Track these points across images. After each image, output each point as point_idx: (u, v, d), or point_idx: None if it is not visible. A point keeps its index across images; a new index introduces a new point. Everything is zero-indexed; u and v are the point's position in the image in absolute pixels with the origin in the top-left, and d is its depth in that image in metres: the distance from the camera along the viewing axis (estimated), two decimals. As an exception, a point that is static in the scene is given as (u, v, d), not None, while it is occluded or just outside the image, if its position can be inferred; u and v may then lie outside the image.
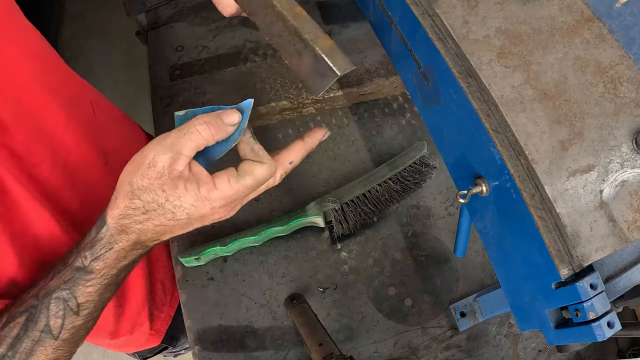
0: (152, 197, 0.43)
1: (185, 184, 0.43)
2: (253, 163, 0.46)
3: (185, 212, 0.44)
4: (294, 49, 0.50)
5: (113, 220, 0.45)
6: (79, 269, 0.47)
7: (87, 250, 0.46)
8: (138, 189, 0.43)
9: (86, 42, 2.20)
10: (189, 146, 0.43)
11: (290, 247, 0.77)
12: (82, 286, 0.47)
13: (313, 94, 0.48)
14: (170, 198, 0.43)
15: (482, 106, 0.40)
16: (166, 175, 0.42)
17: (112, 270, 0.47)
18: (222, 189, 0.44)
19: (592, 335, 0.35)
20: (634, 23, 0.39)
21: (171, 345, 0.97)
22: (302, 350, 0.70)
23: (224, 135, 0.45)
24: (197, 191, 0.43)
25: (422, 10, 0.44)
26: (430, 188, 0.80)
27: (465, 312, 0.71)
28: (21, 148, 0.54)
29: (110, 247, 0.46)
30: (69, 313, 0.48)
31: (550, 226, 0.36)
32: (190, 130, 0.43)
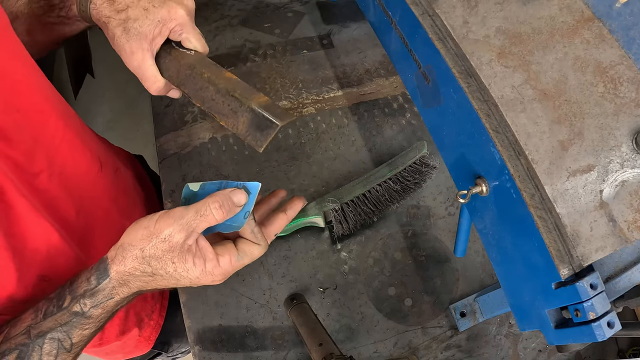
0: (162, 266, 0.48)
1: (194, 259, 0.48)
2: (251, 245, 0.52)
3: (188, 280, 0.49)
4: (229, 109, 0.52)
5: (118, 274, 0.48)
6: (77, 314, 0.49)
7: (87, 298, 0.49)
8: (149, 257, 0.47)
9: (86, 43, 2.20)
10: (202, 226, 0.48)
11: (290, 247, 0.77)
12: (80, 329, 0.49)
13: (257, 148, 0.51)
14: (178, 269, 0.48)
15: (482, 106, 0.40)
16: (177, 249, 0.47)
17: (109, 314, 0.51)
18: (224, 266, 0.50)
19: (592, 335, 0.35)
20: (634, 23, 0.39)
21: (163, 351, 0.96)
22: (302, 350, 0.70)
23: (231, 215, 0.50)
24: (203, 267, 0.49)
25: (422, 10, 0.44)
26: (430, 188, 0.80)
27: (465, 312, 0.71)
28: (21, 158, 0.54)
29: (112, 297, 0.49)
30: (62, 351, 0.49)
31: (550, 226, 0.36)
32: (206, 212, 0.47)
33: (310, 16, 0.99)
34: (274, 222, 0.57)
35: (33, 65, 0.60)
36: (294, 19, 0.98)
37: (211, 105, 0.54)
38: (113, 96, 2.03)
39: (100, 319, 0.50)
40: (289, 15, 0.99)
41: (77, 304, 0.49)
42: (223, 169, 0.82)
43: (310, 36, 0.96)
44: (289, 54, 0.94)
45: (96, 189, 0.70)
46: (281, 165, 0.83)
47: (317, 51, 0.94)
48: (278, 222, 0.57)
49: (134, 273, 0.48)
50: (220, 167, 0.82)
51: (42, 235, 0.56)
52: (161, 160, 0.84)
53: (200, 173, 0.82)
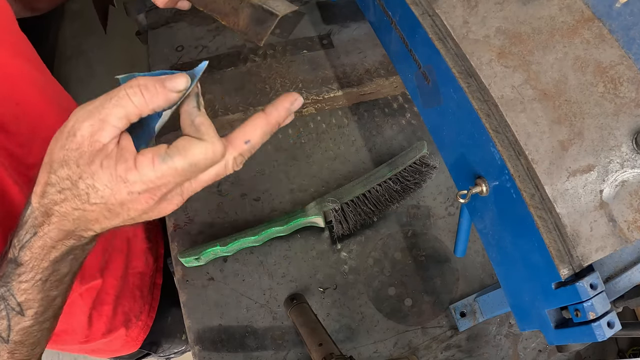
0: (67, 173, 0.36)
1: (102, 160, 0.35)
2: (189, 140, 0.36)
3: (99, 195, 0.35)
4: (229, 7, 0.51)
5: (36, 199, 0.38)
6: (10, 261, 0.41)
7: (15, 237, 0.40)
8: (55, 162, 0.36)
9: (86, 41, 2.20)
10: (115, 114, 0.34)
11: (290, 247, 0.77)
12: (16, 282, 0.41)
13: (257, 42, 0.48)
14: (83, 175, 0.35)
15: (482, 106, 0.40)
16: (85, 147, 0.35)
17: (42, 262, 0.40)
18: (143, 171, 0.35)
19: (592, 335, 0.35)
20: (634, 23, 0.39)
21: (152, 352, 0.96)
22: (302, 350, 0.70)
23: (162, 103, 0.36)
24: (113, 169, 0.35)
25: (422, 10, 0.44)
26: (430, 188, 0.80)
27: (465, 312, 0.71)
28: (18, 150, 0.54)
29: (35, 232, 0.39)
30: (13, 313, 0.42)
31: (550, 226, 0.36)
32: (119, 94, 0.35)
33: (310, 16, 0.99)
34: (245, 124, 0.39)
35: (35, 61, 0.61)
36: (294, 19, 0.98)
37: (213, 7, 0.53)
38: (113, 96, 2.02)
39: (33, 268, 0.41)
40: (288, 15, 0.99)
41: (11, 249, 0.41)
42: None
43: (310, 36, 0.96)
44: (289, 54, 0.94)
45: None
46: (281, 165, 0.82)
47: (317, 51, 0.94)
48: (252, 123, 0.39)
49: (45, 190, 0.37)
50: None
51: None
52: (161, 160, 0.84)
53: (200, 173, 0.82)
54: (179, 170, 0.36)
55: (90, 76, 2.08)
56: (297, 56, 0.93)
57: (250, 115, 0.88)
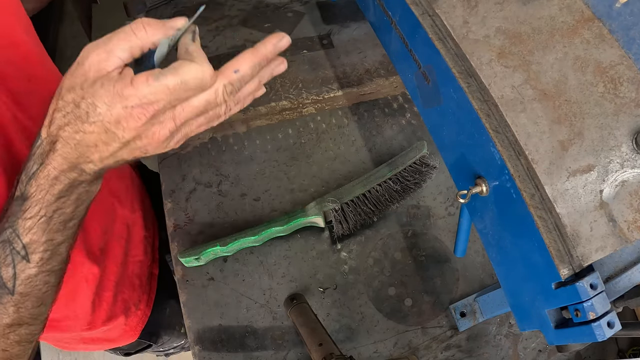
0: (72, 97, 0.39)
1: (103, 81, 0.38)
2: (183, 61, 0.39)
3: (97, 112, 0.38)
4: None
5: (44, 130, 0.41)
6: (17, 198, 0.42)
7: (23, 173, 0.42)
8: (64, 89, 0.39)
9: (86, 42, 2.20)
10: (120, 46, 0.38)
11: (290, 247, 0.77)
12: (22, 219, 0.42)
13: None
14: (86, 95, 0.38)
15: (482, 106, 0.40)
16: (91, 73, 0.38)
17: (47, 195, 0.42)
18: (138, 87, 0.38)
19: (592, 335, 0.35)
20: (634, 23, 0.39)
21: (151, 342, 0.96)
22: (302, 350, 0.70)
23: (162, 37, 0.40)
24: (111, 87, 0.38)
25: (422, 10, 0.45)
26: (430, 188, 0.80)
27: (465, 312, 0.71)
28: (29, 123, 0.55)
29: (41, 162, 0.41)
30: (18, 258, 0.43)
31: (550, 226, 0.36)
32: (124, 30, 0.39)
33: (310, 16, 0.99)
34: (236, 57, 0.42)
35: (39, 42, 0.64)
36: (294, 19, 0.98)
37: None
38: (113, 96, 2.02)
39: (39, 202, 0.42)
40: (289, 15, 0.99)
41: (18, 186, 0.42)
42: (223, 169, 0.82)
43: (310, 36, 0.96)
44: (289, 54, 0.94)
45: None
46: (281, 165, 0.83)
47: (317, 51, 0.94)
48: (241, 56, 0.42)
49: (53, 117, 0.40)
50: (220, 167, 0.82)
51: None
52: (161, 160, 0.84)
53: (200, 173, 0.82)
54: (171, 88, 0.38)
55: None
56: (297, 56, 0.93)
57: (250, 115, 0.88)
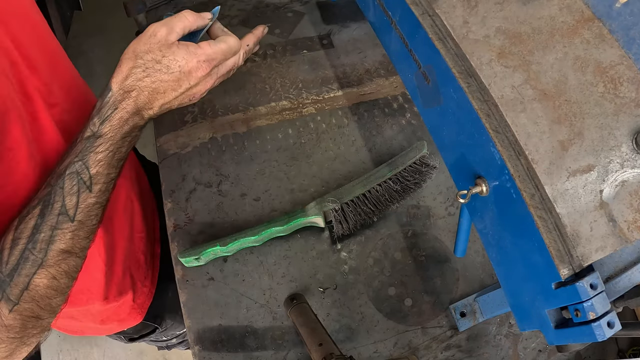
0: (152, 57, 0.53)
1: (178, 45, 0.54)
2: (224, 36, 0.59)
3: (177, 65, 0.54)
4: None
5: (117, 84, 0.53)
6: (89, 137, 0.52)
7: (95, 117, 0.53)
8: (141, 52, 0.53)
9: (86, 42, 2.20)
10: (179, 25, 0.55)
11: (290, 247, 0.77)
12: (94, 153, 0.52)
13: None
14: (166, 54, 0.53)
15: (482, 106, 0.40)
16: (163, 41, 0.54)
17: (117, 134, 0.53)
18: (204, 47, 0.56)
19: (592, 335, 0.35)
20: (634, 23, 0.39)
21: (156, 325, 0.97)
22: (302, 350, 0.70)
23: (201, 23, 0.58)
24: (186, 48, 0.55)
25: (422, 10, 0.45)
26: (430, 188, 0.80)
27: (465, 312, 0.71)
28: (43, 88, 0.59)
29: (115, 107, 0.53)
30: (83, 188, 0.52)
31: (550, 226, 0.36)
32: (180, 15, 0.56)
33: (310, 16, 0.99)
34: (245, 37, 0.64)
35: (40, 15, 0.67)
36: (294, 19, 0.98)
37: None
38: (113, 96, 2.02)
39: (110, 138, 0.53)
40: (289, 15, 0.99)
41: (88, 128, 0.52)
42: (223, 169, 0.82)
43: (310, 36, 0.96)
44: (289, 54, 0.94)
45: None
46: (281, 165, 0.83)
47: (317, 51, 0.94)
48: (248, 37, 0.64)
49: (129, 73, 0.53)
50: (220, 167, 0.82)
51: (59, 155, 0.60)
52: (161, 160, 0.84)
53: (200, 173, 0.82)
54: (223, 49, 0.57)
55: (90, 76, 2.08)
56: (297, 56, 0.93)
57: (250, 115, 0.88)
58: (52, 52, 0.65)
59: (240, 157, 0.83)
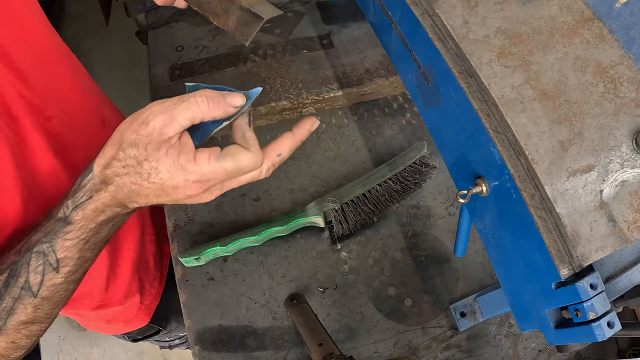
0: (135, 153, 0.43)
1: (168, 149, 0.43)
2: (239, 148, 0.45)
3: (159, 177, 0.43)
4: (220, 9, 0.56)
5: (98, 168, 0.45)
6: (60, 220, 0.46)
7: (69, 199, 0.46)
8: (126, 142, 0.43)
9: (86, 42, 2.20)
10: (184, 115, 0.42)
11: (290, 247, 0.77)
12: (61, 239, 0.46)
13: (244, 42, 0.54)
14: (149, 158, 0.43)
15: (482, 106, 0.40)
16: (155, 135, 0.42)
17: (90, 223, 0.46)
18: (200, 164, 0.43)
19: (592, 335, 0.35)
20: (634, 23, 0.39)
21: (161, 327, 0.97)
22: (302, 350, 0.70)
23: (222, 113, 0.44)
24: (175, 158, 0.43)
25: (422, 10, 0.44)
26: (430, 188, 0.80)
27: (465, 312, 0.71)
28: (37, 100, 0.56)
29: (91, 196, 0.45)
30: (48, 269, 0.47)
31: (550, 226, 0.36)
32: (189, 100, 0.43)
33: (310, 16, 0.99)
34: (277, 141, 0.49)
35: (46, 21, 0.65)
36: (294, 19, 0.98)
37: (206, 7, 0.57)
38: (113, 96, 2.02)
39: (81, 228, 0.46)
40: (289, 15, 0.99)
41: (61, 209, 0.46)
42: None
43: (310, 36, 0.96)
44: (289, 54, 0.94)
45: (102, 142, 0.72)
46: (281, 165, 0.82)
47: (317, 51, 0.94)
48: (283, 141, 0.48)
49: (110, 162, 0.44)
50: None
51: (52, 175, 0.58)
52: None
53: (200, 173, 0.82)
54: (227, 170, 0.44)
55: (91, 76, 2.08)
56: (297, 56, 0.93)
57: (250, 115, 0.88)
58: (49, 59, 0.61)
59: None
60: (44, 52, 0.60)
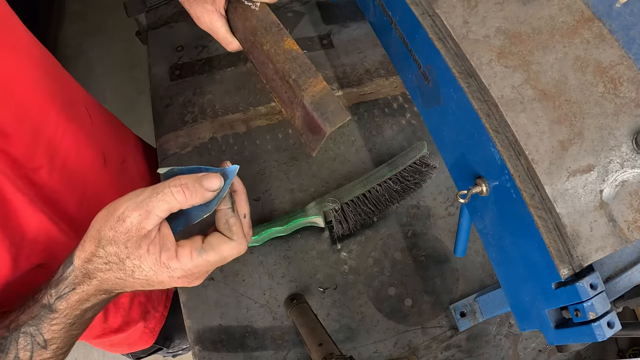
0: (115, 251, 0.42)
1: (149, 246, 0.42)
2: (222, 238, 0.45)
3: (143, 274, 0.43)
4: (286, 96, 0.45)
5: (79, 261, 0.44)
6: (44, 306, 0.46)
7: (52, 288, 0.45)
8: (104, 239, 0.42)
9: (86, 42, 2.20)
10: (160, 207, 0.42)
11: (290, 247, 0.77)
12: (47, 324, 0.46)
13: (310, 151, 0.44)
14: (131, 256, 0.42)
15: (482, 106, 0.40)
16: (133, 232, 0.42)
17: (75, 311, 0.47)
18: (182, 261, 0.43)
19: (592, 335, 0.35)
20: (634, 23, 0.39)
21: (164, 347, 0.96)
22: (302, 350, 0.70)
23: (200, 200, 0.43)
24: (157, 256, 0.42)
25: (422, 10, 0.44)
26: (430, 188, 0.80)
27: (465, 312, 0.71)
28: (20, 153, 0.54)
29: (73, 288, 0.45)
30: (37, 347, 0.47)
31: (550, 226, 0.36)
32: (164, 191, 0.42)
33: (310, 16, 0.99)
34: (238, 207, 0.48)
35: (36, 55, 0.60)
36: (294, 19, 0.98)
37: (273, 85, 0.47)
38: (113, 97, 2.03)
39: (66, 315, 0.46)
40: (289, 15, 0.99)
41: (45, 296, 0.46)
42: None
43: (310, 36, 0.96)
44: (289, 54, 0.93)
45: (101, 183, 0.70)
46: (281, 165, 0.82)
47: (317, 51, 0.94)
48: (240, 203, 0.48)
49: (91, 260, 0.43)
50: (220, 167, 0.82)
51: (40, 228, 0.57)
52: (161, 160, 0.84)
53: (200, 173, 0.82)
54: (212, 262, 0.44)
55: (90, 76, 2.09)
56: (297, 56, 0.93)
57: (250, 115, 0.88)
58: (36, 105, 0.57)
59: (240, 157, 0.83)
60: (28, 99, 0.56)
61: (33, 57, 0.59)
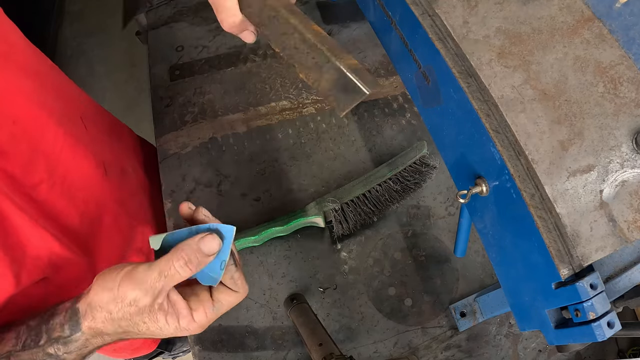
0: (133, 325, 0.45)
1: (166, 318, 0.45)
2: (229, 293, 0.48)
3: (163, 334, 0.47)
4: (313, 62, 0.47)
5: (90, 329, 0.46)
6: (51, 355, 0.47)
7: (60, 344, 0.46)
8: (119, 319, 0.44)
9: (86, 42, 2.20)
10: (169, 286, 0.44)
11: (290, 247, 0.77)
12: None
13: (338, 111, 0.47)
14: (151, 328, 0.45)
15: (482, 106, 0.40)
16: (147, 311, 0.44)
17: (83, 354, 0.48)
18: (199, 321, 0.47)
19: (592, 335, 0.35)
20: (634, 23, 0.39)
21: (167, 350, 0.97)
22: (302, 350, 0.70)
23: (203, 267, 0.45)
24: (177, 324, 0.46)
25: (422, 10, 0.44)
26: (430, 188, 0.80)
27: (465, 312, 0.71)
28: (18, 171, 0.53)
29: (86, 346, 0.47)
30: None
31: (550, 226, 0.36)
32: (170, 272, 0.44)
33: (310, 16, 0.97)
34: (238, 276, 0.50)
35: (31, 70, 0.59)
36: (294, 19, 0.98)
37: (293, 53, 0.49)
38: (113, 96, 2.03)
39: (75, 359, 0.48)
40: (289, 15, 0.99)
41: (52, 347, 0.47)
42: (223, 169, 0.82)
43: (310, 36, 0.96)
44: (289, 54, 0.93)
45: (102, 194, 0.69)
46: (281, 165, 0.83)
47: (317, 51, 0.94)
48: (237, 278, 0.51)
49: (106, 331, 0.46)
50: (220, 167, 0.82)
51: (42, 244, 0.56)
52: (161, 160, 0.84)
53: (200, 173, 0.82)
54: (222, 313, 0.48)
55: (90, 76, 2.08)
56: (297, 56, 0.93)
57: (250, 115, 0.88)
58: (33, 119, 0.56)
59: (240, 157, 0.83)
60: (25, 115, 0.55)
61: (29, 71, 0.58)
